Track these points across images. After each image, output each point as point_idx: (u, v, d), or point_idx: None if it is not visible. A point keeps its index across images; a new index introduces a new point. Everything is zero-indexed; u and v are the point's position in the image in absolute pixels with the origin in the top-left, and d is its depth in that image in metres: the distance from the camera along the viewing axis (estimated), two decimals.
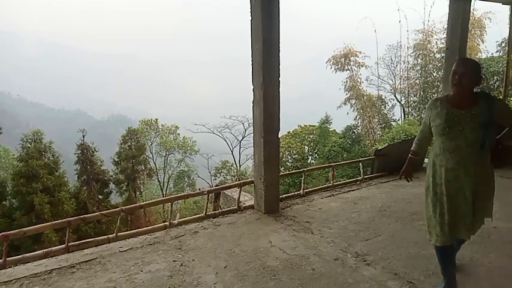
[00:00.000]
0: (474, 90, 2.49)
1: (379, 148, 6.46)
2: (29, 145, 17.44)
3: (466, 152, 2.44)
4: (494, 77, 14.87)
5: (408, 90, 17.22)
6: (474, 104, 2.42)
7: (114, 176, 21.24)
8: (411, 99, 17.28)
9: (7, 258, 3.28)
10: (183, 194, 5.76)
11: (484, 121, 2.38)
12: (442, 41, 14.74)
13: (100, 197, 18.92)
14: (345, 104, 18.22)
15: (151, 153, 24.90)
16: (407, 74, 17.35)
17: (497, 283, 2.90)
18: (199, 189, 7.42)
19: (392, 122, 17.53)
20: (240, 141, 22.18)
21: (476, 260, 3.21)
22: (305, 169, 6.37)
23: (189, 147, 25.66)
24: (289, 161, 18.43)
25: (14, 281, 2.96)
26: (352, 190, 5.35)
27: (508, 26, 7.80)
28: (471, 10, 6.95)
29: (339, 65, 17.55)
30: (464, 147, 2.43)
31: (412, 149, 2.96)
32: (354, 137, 17.02)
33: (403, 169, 3.09)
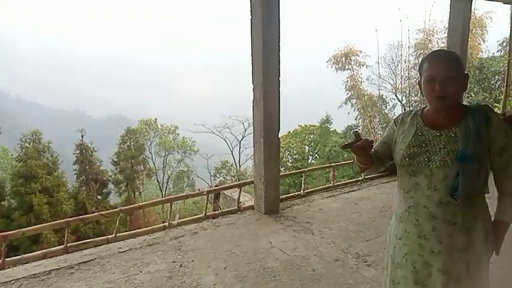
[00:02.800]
0: (462, 101, 1.64)
1: None
2: (27, 145, 17.45)
3: (424, 196, 1.49)
4: (496, 77, 14.88)
5: (409, 90, 17.22)
6: (458, 121, 1.49)
7: (113, 176, 21.25)
8: (412, 98, 17.28)
9: (6, 259, 3.26)
10: (182, 194, 5.74)
11: (465, 150, 1.42)
12: (443, 40, 14.72)
13: (99, 197, 18.93)
14: (345, 103, 18.22)
15: (151, 153, 24.91)
16: (408, 74, 17.34)
17: (497, 283, 2.87)
18: (198, 190, 7.40)
19: None
20: (240, 141, 22.17)
21: None
22: (305, 169, 6.35)
23: (188, 147, 25.67)
24: (290, 161, 18.44)
25: (12, 282, 2.94)
26: (353, 190, 5.33)
27: (509, 25, 7.79)
28: (472, 9, 6.93)
29: (340, 65, 17.54)
30: (425, 189, 1.48)
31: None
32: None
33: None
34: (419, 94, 16.83)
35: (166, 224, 4.04)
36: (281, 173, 4.88)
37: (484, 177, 1.47)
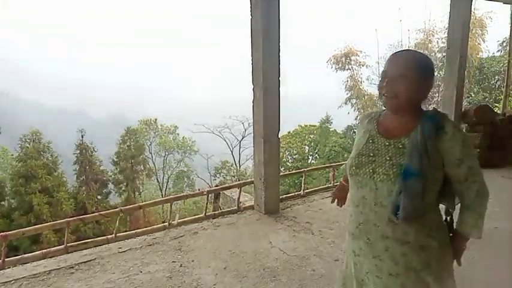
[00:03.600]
0: (421, 107, 1.43)
1: None
2: (27, 145, 17.48)
3: (372, 212, 1.36)
4: (496, 77, 14.88)
5: None
6: (410, 130, 1.34)
7: (113, 176, 21.28)
8: None
9: (6, 259, 3.26)
10: (182, 194, 5.74)
11: (409, 165, 1.27)
12: (443, 40, 14.74)
13: (99, 197, 18.96)
14: (345, 103, 18.25)
15: (151, 153, 24.94)
16: None
17: (497, 283, 2.87)
18: (198, 190, 7.40)
19: None
20: (240, 141, 22.18)
21: (476, 260, 3.18)
22: (305, 169, 6.35)
23: (188, 147, 25.69)
24: (290, 161, 18.46)
25: (12, 282, 2.94)
26: None
27: (509, 25, 7.79)
28: (472, 9, 6.93)
29: (340, 65, 17.57)
30: (372, 205, 1.36)
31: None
32: (354, 137, 17.06)
33: (333, 192, 2.00)
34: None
35: (166, 224, 4.04)
36: (281, 173, 4.88)
37: (433, 194, 1.36)
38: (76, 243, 3.65)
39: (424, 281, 1.35)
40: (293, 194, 5.20)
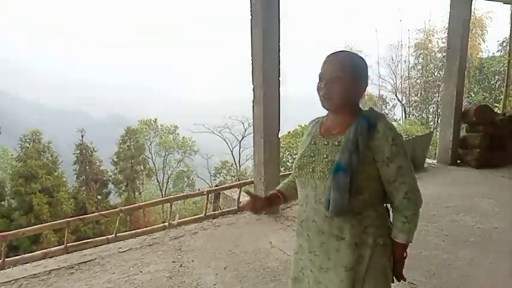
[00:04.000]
0: (359, 106, 1.44)
1: None
2: (27, 145, 17.48)
3: (313, 210, 1.41)
4: (496, 77, 14.87)
5: (409, 90, 17.23)
6: (346, 129, 1.37)
7: (113, 176, 21.28)
8: (412, 98, 17.29)
9: (6, 259, 3.26)
10: (182, 194, 5.74)
11: (340, 161, 1.30)
12: (443, 40, 14.75)
13: (99, 197, 18.96)
14: None
15: (151, 153, 24.93)
16: (409, 74, 17.35)
17: (498, 284, 2.87)
18: (198, 190, 7.40)
19: (393, 122, 17.54)
20: (240, 141, 22.15)
21: (477, 260, 3.18)
22: None
23: (188, 147, 25.67)
24: (290, 161, 18.42)
25: (12, 282, 2.94)
26: None
27: (509, 25, 7.79)
28: (472, 9, 6.94)
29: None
30: (312, 202, 1.40)
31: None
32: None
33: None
34: (419, 94, 16.85)
35: (166, 224, 4.04)
36: (281, 173, 4.87)
37: (372, 192, 1.36)
38: (76, 243, 3.65)
39: (351, 280, 1.34)
40: None
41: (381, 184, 1.37)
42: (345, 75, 1.35)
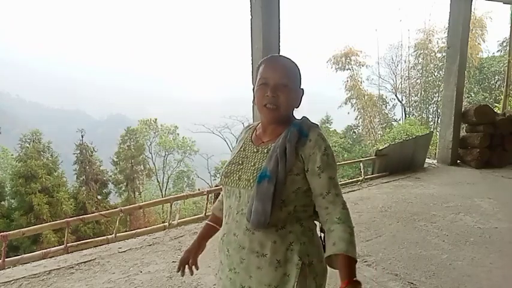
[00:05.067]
0: (292, 115, 1.34)
1: (380, 148, 6.45)
2: (27, 145, 17.46)
3: (234, 222, 1.28)
4: (496, 77, 14.88)
5: (409, 90, 17.24)
6: (278, 136, 1.28)
7: (113, 176, 21.27)
8: (412, 98, 17.30)
9: (6, 259, 3.25)
10: (182, 194, 5.74)
11: (266, 169, 1.21)
12: (443, 40, 14.76)
13: (99, 197, 18.93)
14: (345, 103, 18.25)
15: (151, 153, 24.92)
16: (409, 74, 17.37)
17: (498, 284, 2.87)
18: (198, 190, 7.40)
19: (393, 122, 17.55)
20: None
21: (477, 260, 3.18)
22: None
23: (188, 147, 25.67)
24: None
25: (12, 282, 2.94)
26: (353, 190, 5.33)
27: (509, 25, 7.79)
28: (472, 9, 6.94)
29: (340, 65, 17.58)
30: (235, 214, 1.28)
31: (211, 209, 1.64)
32: (354, 137, 17.05)
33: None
34: (419, 94, 16.85)
35: (166, 224, 4.04)
36: None
37: (297, 205, 1.24)
38: (76, 243, 3.65)
39: None
40: None
41: (310, 198, 1.26)
42: (290, 84, 1.27)
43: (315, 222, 1.32)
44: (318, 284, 1.26)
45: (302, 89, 1.33)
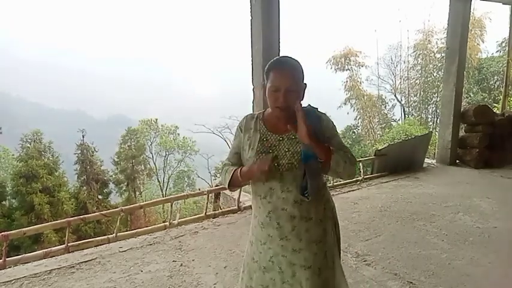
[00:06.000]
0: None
1: (379, 148, 6.47)
2: (28, 145, 17.49)
3: (280, 199, 1.53)
4: (495, 77, 14.89)
5: (408, 90, 17.25)
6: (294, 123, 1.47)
7: (113, 176, 21.29)
8: (411, 99, 17.31)
9: (7, 259, 3.27)
10: (182, 194, 5.75)
11: (306, 150, 1.48)
12: (443, 40, 14.76)
13: (100, 197, 18.95)
14: (345, 104, 18.25)
15: (151, 153, 24.94)
16: (408, 74, 17.38)
17: (497, 283, 2.89)
18: (199, 190, 7.41)
19: (392, 122, 17.56)
20: None
21: (476, 260, 3.20)
22: None
23: (188, 147, 25.68)
24: None
25: (13, 281, 2.95)
26: (352, 190, 5.35)
27: (508, 26, 7.80)
28: (471, 10, 6.95)
29: (339, 65, 17.58)
30: (279, 193, 1.53)
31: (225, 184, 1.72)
32: (354, 137, 17.04)
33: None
34: (418, 94, 16.86)
35: (167, 223, 4.06)
36: None
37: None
38: (77, 242, 3.67)
39: (323, 251, 1.57)
40: None
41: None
42: (297, 86, 1.53)
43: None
44: (337, 232, 1.69)
45: (305, 83, 1.58)
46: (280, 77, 1.50)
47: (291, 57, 1.58)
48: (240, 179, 1.59)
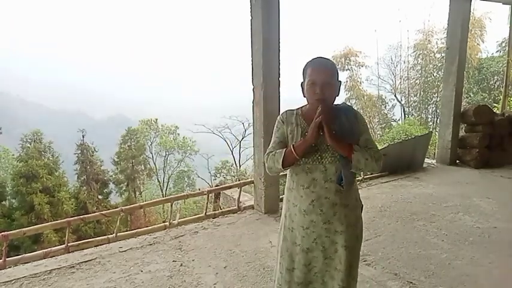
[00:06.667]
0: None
1: (379, 148, 6.46)
2: (28, 145, 17.49)
3: (323, 189, 1.73)
4: (495, 77, 14.88)
5: (408, 90, 17.25)
6: (333, 120, 1.70)
7: (113, 176, 21.29)
8: (411, 99, 17.30)
9: (7, 258, 3.27)
10: (182, 194, 5.74)
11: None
12: (443, 40, 14.76)
13: (100, 197, 18.96)
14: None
15: (151, 153, 24.93)
16: (408, 74, 17.37)
17: (497, 283, 2.89)
18: (199, 189, 7.42)
19: (392, 122, 17.56)
20: (240, 141, 22.14)
21: (476, 260, 3.20)
22: None
23: (188, 147, 25.66)
24: None
25: (13, 281, 2.96)
26: None
27: (508, 26, 7.80)
28: (471, 10, 6.95)
29: (339, 65, 17.58)
30: (322, 183, 1.73)
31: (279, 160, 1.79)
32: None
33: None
34: (418, 94, 16.86)
35: (167, 223, 4.06)
36: (281, 173, 4.90)
37: None
38: (77, 242, 3.67)
39: (355, 233, 1.82)
40: None
41: None
42: (333, 81, 1.73)
43: None
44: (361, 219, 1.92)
45: (340, 81, 1.78)
46: (317, 72, 1.70)
47: (328, 58, 1.80)
48: (293, 154, 1.72)
